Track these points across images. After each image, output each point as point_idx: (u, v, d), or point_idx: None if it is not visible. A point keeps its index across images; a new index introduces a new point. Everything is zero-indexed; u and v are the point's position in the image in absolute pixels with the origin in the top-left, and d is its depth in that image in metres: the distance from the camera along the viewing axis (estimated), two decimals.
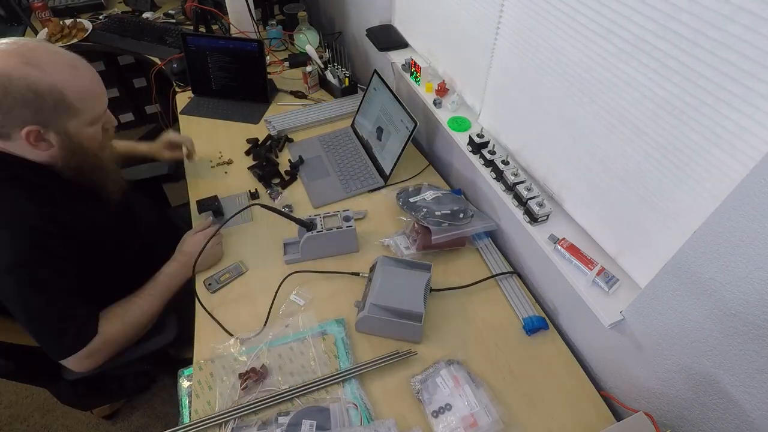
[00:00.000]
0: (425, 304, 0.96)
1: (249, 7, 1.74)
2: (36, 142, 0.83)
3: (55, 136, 0.84)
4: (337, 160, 1.40)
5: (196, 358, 0.95)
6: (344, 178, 1.35)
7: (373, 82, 1.39)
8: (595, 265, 0.86)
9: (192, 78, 1.64)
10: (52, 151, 0.86)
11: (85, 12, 2.12)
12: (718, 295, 0.63)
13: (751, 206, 0.55)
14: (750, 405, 0.64)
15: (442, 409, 0.85)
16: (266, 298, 1.04)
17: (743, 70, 0.55)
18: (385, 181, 1.33)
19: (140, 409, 1.57)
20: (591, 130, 0.82)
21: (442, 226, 1.11)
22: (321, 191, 1.31)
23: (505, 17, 0.96)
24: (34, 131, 0.81)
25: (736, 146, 0.59)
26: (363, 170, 1.37)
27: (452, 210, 1.15)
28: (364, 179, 1.34)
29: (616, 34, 0.70)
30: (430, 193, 1.20)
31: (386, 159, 1.33)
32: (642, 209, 0.77)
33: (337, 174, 1.36)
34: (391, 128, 1.30)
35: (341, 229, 1.09)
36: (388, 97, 1.31)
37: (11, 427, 1.54)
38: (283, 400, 0.87)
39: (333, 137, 1.48)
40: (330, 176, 1.36)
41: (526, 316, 1.01)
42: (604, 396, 0.90)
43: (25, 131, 0.81)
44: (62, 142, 0.85)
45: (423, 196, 1.19)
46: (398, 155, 1.26)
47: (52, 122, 0.83)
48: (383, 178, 1.33)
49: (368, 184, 1.32)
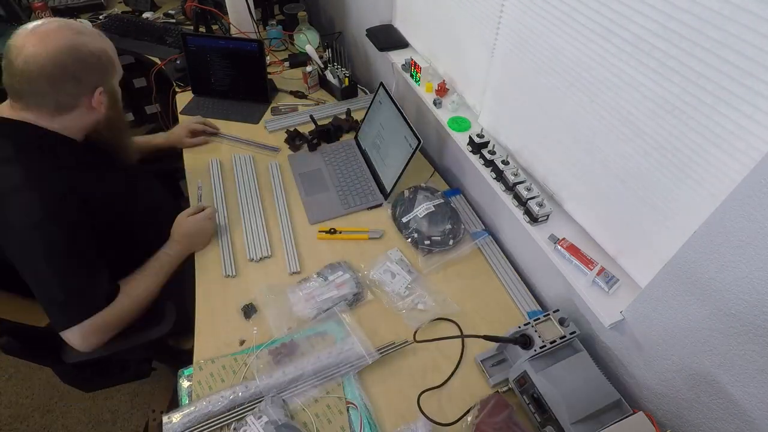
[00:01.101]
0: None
1: (249, 7, 1.74)
2: (98, 105, 0.95)
3: (108, 96, 0.98)
4: (337, 174, 1.35)
5: (197, 358, 0.95)
6: (343, 193, 1.30)
7: (379, 95, 1.35)
8: (595, 265, 0.86)
9: (192, 78, 1.64)
10: (101, 114, 0.98)
11: (85, 12, 2.12)
12: (718, 295, 0.63)
13: (751, 206, 0.55)
14: (750, 405, 0.64)
15: None
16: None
17: (743, 70, 0.55)
18: (385, 198, 1.28)
19: (140, 409, 1.57)
20: (591, 130, 0.82)
21: (433, 252, 1.13)
22: (318, 207, 1.26)
23: (505, 17, 0.96)
24: (101, 92, 0.95)
25: (735, 146, 0.59)
26: (363, 186, 1.32)
27: (443, 232, 1.14)
28: (363, 195, 1.29)
29: (615, 33, 0.70)
30: (423, 208, 1.17)
31: (387, 175, 1.28)
32: (642, 209, 0.77)
33: (337, 189, 1.31)
34: (394, 143, 1.25)
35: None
36: (393, 112, 1.26)
37: (11, 427, 1.54)
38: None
39: (335, 150, 1.43)
40: (329, 191, 1.31)
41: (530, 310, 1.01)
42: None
43: (97, 93, 0.94)
44: (110, 100, 0.99)
45: (416, 212, 1.17)
46: (400, 172, 1.21)
47: (109, 81, 0.97)
48: (383, 195, 1.28)
49: (367, 201, 1.27)
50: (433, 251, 1.13)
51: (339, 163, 1.40)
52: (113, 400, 1.60)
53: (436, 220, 1.16)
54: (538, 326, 0.87)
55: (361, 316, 1.02)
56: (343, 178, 1.35)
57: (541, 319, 0.88)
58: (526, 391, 0.84)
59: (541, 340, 0.85)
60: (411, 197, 1.21)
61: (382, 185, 1.31)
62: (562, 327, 0.87)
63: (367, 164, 1.38)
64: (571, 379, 0.81)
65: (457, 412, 0.86)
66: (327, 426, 0.85)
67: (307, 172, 1.37)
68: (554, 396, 0.79)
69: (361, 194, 1.30)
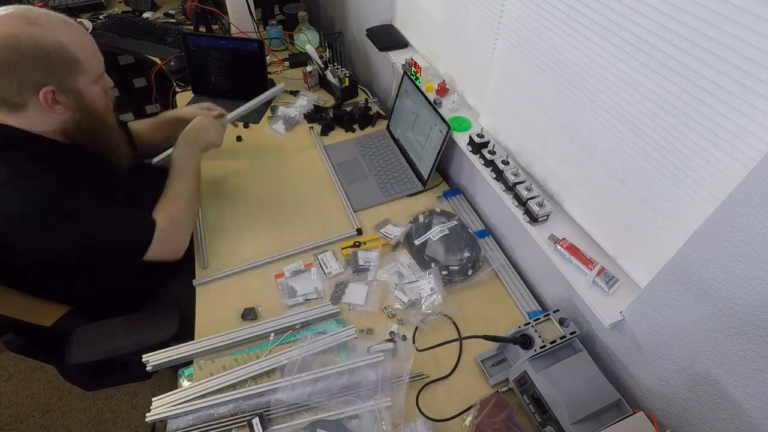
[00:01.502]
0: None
1: (249, 7, 1.74)
2: (52, 105, 0.85)
3: (67, 96, 0.87)
4: (374, 164, 1.38)
5: (197, 358, 0.95)
6: (382, 181, 1.33)
7: (404, 84, 1.36)
8: (595, 265, 0.86)
9: (192, 78, 1.64)
10: (66, 116, 0.89)
11: (85, 12, 2.12)
12: (718, 295, 0.63)
13: (751, 206, 0.55)
14: (750, 405, 0.64)
15: None
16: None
17: (742, 70, 0.55)
18: (423, 186, 1.30)
19: (140, 409, 1.57)
20: (591, 130, 0.82)
21: (453, 282, 1.07)
22: (359, 195, 1.29)
23: (506, 17, 0.96)
24: (49, 92, 0.83)
25: (735, 146, 0.58)
26: (401, 174, 1.34)
27: (461, 260, 1.09)
28: (402, 183, 1.32)
29: (615, 33, 0.70)
30: (437, 231, 1.13)
31: (423, 163, 1.30)
32: (642, 209, 0.77)
33: (375, 177, 1.34)
34: (425, 131, 1.27)
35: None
36: (420, 100, 1.27)
37: (11, 427, 1.54)
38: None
39: (369, 140, 1.46)
40: (368, 179, 1.34)
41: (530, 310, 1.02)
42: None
43: (42, 93, 0.83)
44: (75, 102, 0.89)
45: (430, 235, 1.13)
46: (435, 160, 1.23)
47: (64, 80, 0.85)
48: (422, 183, 1.31)
49: (407, 189, 1.30)
50: (453, 281, 1.07)
51: (374, 152, 1.42)
52: (113, 400, 1.60)
53: (453, 248, 1.11)
54: (538, 326, 0.87)
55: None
56: (380, 167, 1.37)
57: (541, 319, 0.88)
58: (526, 391, 0.84)
59: (541, 340, 0.85)
60: (425, 224, 1.17)
61: (419, 173, 1.33)
62: (562, 327, 0.87)
63: (402, 153, 1.41)
64: (571, 379, 0.81)
65: (457, 412, 0.86)
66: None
67: (344, 162, 1.39)
68: (554, 396, 0.79)
69: (400, 182, 1.33)
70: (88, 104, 0.91)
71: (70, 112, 0.89)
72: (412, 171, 1.35)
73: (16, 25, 0.79)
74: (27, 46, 0.79)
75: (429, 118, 1.24)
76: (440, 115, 1.18)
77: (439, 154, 1.22)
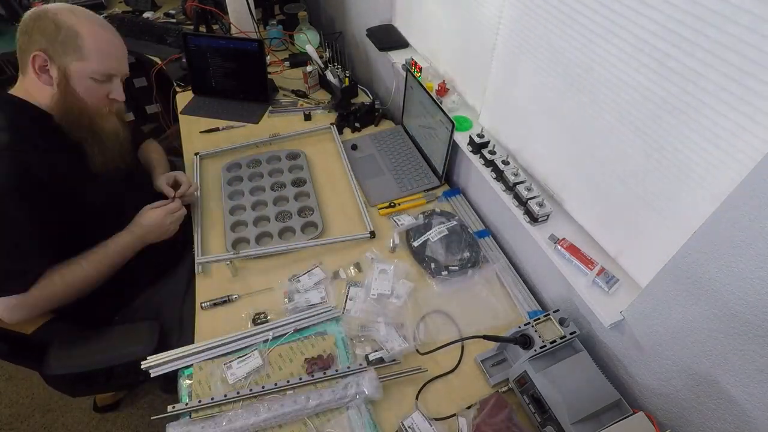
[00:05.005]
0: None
1: (249, 7, 1.74)
2: (39, 72, 0.91)
3: (57, 72, 0.91)
4: (390, 159, 1.40)
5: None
6: (399, 176, 1.34)
7: (409, 81, 1.36)
8: (596, 265, 0.86)
9: (192, 78, 1.64)
10: (53, 91, 0.93)
11: None
12: (718, 295, 0.63)
13: (751, 206, 0.55)
14: (750, 405, 0.64)
15: None
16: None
17: (743, 70, 0.55)
18: (440, 181, 1.32)
19: (141, 409, 1.57)
20: (591, 130, 0.82)
21: (452, 279, 1.08)
22: (376, 189, 1.31)
23: (506, 17, 0.96)
24: (40, 57, 0.90)
25: (735, 146, 0.59)
26: (417, 169, 1.36)
27: (461, 260, 1.09)
28: (419, 178, 1.33)
29: (616, 34, 0.70)
30: (436, 232, 1.14)
31: (436, 158, 1.31)
32: (642, 209, 0.77)
33: (392, 173, 1.36)
34: (433, 128, 1.27)
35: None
36: (425, 97, 1.27)
37: (11, 426, 1.54)
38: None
39: (384, 136, 1.48)
40: (385, 174, 1.36)
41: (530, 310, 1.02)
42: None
43: (33, 54, 0.89)
44: (61, 81, 0.92)
45: (428, 236, 1.13)
46: (445, 155, 1.24)
47: (60, 55, 0.90)
48: (438, 178, 1.32)
49: (424, 184, 1.32)
50: (453, 281, 1.07)
51: (389, 148, 1.44)
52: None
53: (452, 248, 1.12)
54: (538, 326, 0.87)
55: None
56: (397, 163, 1.39)
57: (541, 319, 0.88)
58: (526, 391, 0.84)
59: (541, 340, 0.85)
60: (425, 225, 1.17)
61: (434, 168, 1.34)
62: (562, 327, 0.87)
63: (417, 148, 1.42)
64: (571, 379, 0.81)
65: (456, 411, 0.86)
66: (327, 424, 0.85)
67: (360, 158, 1.41)
68: (554, 396, 0.79)
69: (416, 177, 1.34)
70: (73, 91, 0.93)
71: (56, 90, 0.92)
72: (428, 166, 1.36)
73: (61, 8, 0.91)
74: (48, 18, 0.90)
75: (435, 114, 1.25)
76: (443, 110, 1.19)
77: (449, 150, 1.22)
